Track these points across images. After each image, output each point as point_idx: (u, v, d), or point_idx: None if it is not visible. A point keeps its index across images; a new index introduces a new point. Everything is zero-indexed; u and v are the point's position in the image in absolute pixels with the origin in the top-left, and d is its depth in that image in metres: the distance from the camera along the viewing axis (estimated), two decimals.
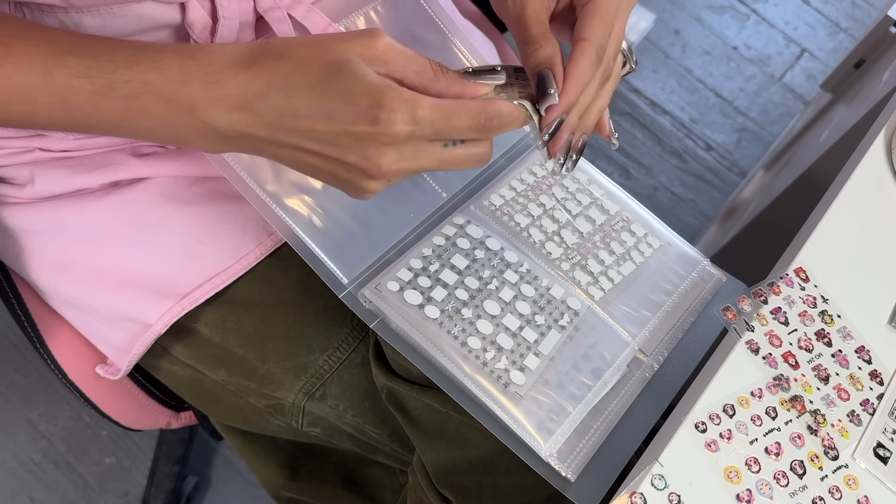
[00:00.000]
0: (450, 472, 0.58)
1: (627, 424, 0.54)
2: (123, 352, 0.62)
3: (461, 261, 0.56)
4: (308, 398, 0.63)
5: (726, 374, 0.51)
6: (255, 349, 0.62)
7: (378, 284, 0.54)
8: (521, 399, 0.51)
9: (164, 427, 0.80)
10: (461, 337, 0.52)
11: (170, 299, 0.59)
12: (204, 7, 0.53)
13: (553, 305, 0.56)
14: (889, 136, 0.64)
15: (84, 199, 0.61)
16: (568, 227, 0.60)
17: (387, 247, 0.57)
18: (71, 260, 0.61)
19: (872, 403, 0.52)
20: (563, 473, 0.51)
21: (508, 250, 0.57)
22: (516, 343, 0.53)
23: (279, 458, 0.81)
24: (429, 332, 0.52)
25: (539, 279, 0.57)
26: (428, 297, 0.53)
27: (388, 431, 0.65)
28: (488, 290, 0.55)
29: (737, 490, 0.47)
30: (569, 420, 0.52)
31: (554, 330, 0.55)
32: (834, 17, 1.87)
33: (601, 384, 0.54)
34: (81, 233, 0.60)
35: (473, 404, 0.52)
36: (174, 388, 0.70)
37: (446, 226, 0.58)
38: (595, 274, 0.59)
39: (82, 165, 0.60)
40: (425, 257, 0.55)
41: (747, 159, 1.65)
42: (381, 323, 0.54)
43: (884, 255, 0.58)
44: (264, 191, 0.54)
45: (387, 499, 0.79)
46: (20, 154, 0.59)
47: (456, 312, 0.53)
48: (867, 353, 0.54)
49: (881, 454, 0.50)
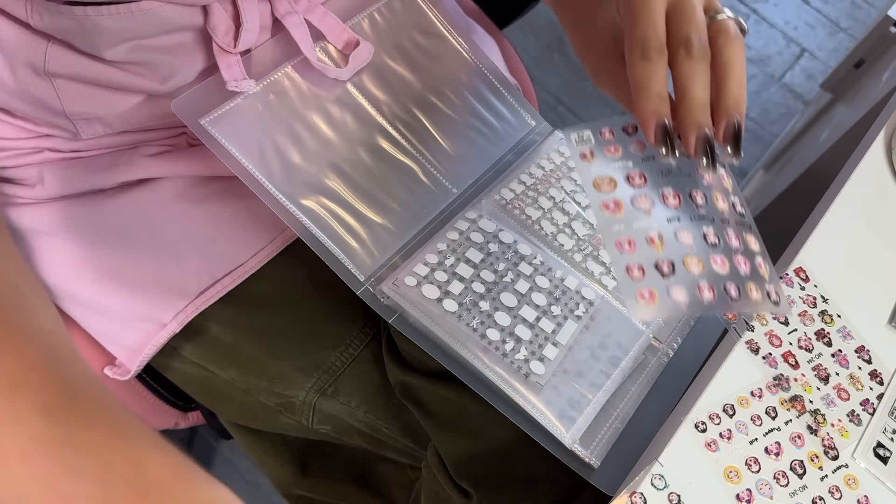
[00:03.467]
0: (468, 463, 0.59)
1: (646, 410, 0.55)
2: (135, 352, 0.61)
3: (476, 254, 0.56)
4: (320, 395, 0.63)
5: (726, 373, 0.51)
6: (267, 347, 0.62)
7: (396, 280, 0.54)
8: (542, 389, 0.52)
9: (171, 428, 0.80)
10: (480, 329, 0.53)
11: (184, 298, 0.59)
12: (227, 11, 0.53)
13: (568, 296, 0.56)
14: (889, 136, 0.64)
15: (95, 198, 0.61)
16: (578, 219, 0.61)
17: (401, 243, 0.58)
18: (82, 260, 0.61)
19: (872, 403, 0.52)
20: (586, 460, 0.52)
21: (521, 243, 0.58)
22: (534, 334, 0.54)
23: (289, 455, 0.81)
24: (448, 326, 0.53)
25: (553, 271, 0.57)
26: (445, 290, 0.54)
27: (399, 426, 0.65)
28: (504, 282, 0.55)
29: (737, 490, 0.47)
30: (590, 408, 0.52)
31: (570, 320, 0.55)
32: (834, 16, 1.87)
33: (619, 372, 0.55)
34: (93, 233, 0.60)
35: (495, 395, 0.53)
36: (184, 387, 0.70)
37: (459, 221, 0.58)
38: (607, 264, 0.59)
39: (93, 165, 0.60)
40: (440, 252, 0.56)
41: (747, 159, 1.65)
42: (400, 318, 0.55)
43: (884, 254, 0.58)
44: (279, 190, 0.55)
45: (397, 495, 0.79)
46: (29, 154, 0.59)
47: (474, 305, 0.54)
48: (867, 352, 0.54)
49: (881, 454, 0.50)
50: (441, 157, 0.62)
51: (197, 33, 0.53)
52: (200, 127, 0.54)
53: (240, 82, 0.55)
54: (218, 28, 0.53)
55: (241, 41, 0.54)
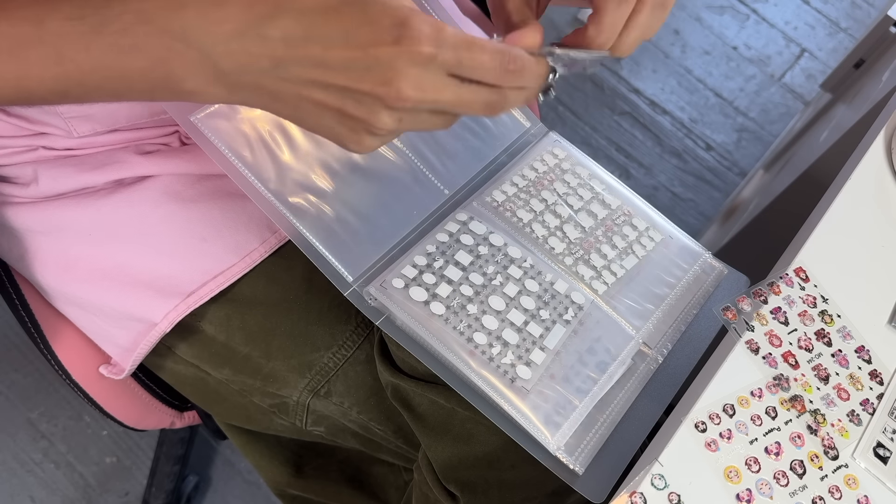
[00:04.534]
0: (455, 467, 0.59)
1: (633, 417, 0.54)
2: (128, 351, 0.62)
3: (465, 257, 0.56)
4: (313, 396, 0.63)
5: (726, 373, 0.51)
6: (260, 347, 0.62)
7: (383, 282, 0.54)
8: (528, 394, 0.51)
9: (167, 427, 0.80)
10: (467, 333, 0.53)
11: (174, 298, 0.59)
12: None
13: (557, 300, 0.56)
14: (889, 136, 0.64)
15: (88, 197, 0.61)
16: (570, 222, 0.61)
17: (391, 244, 0.57)
18: (75, 259, 0.61)
19: (872, 403, 0.52)
20: (570, 466, 0.51)
21: (512, 246, 0.57)
22: (522, 338, 0.53)
23: (283, 455, 0.81)
24: (434, 329, 0.52)
25: (543, 274, 0.57)
26: (433, 293, 0.54)
27: (392, 428, 0.65)
28: (493, 285, 0.55)
29: (737, 490, 0.47)
30: (575, 413, 0.52)
31: (559, 324, 0.55)
32: (834, 16, 1.87)
33: (606, 378, 0.54)
34: (86, 232, 0.60)
35: (480, 400, 0.52)
36: (178, 387, 0.70)
37: (449, 222, 0.58)
38: (598, 268, 0.59)
39: (86, 164, 0.60)
40: (429, 254, 0.56)
41: (747, 159, 1.65)
42: (387, 320, 0.54)
43: (884, 254, 0.58)
44: (268, 189, 0.54)
45: (391, 496, 0.79)
46: (23, 153, 0.59)
47: (461, 308, 0.53)
48: (867, 352, 0.54)
49: (881, 454, 0.50)
50: (433, 158, 0.62)
51: None
52: (191, 124, 0.54)
53: None
54: None
55: None
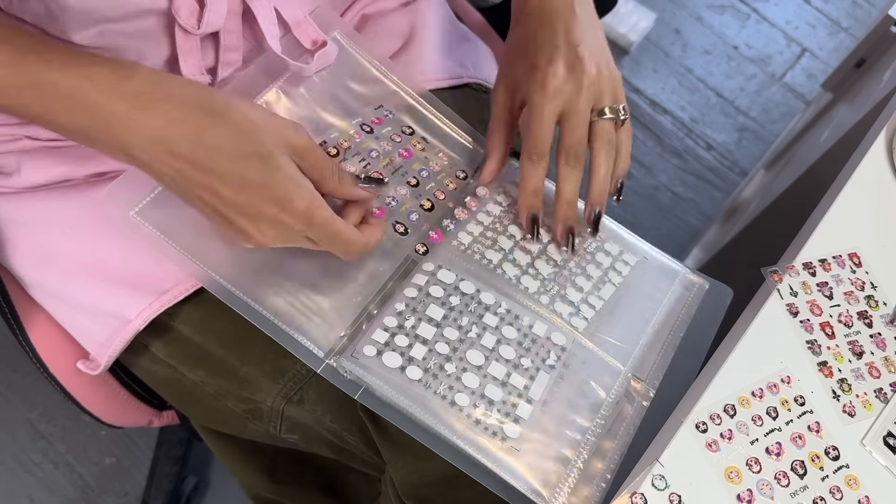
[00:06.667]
0: (415, 483, 0.59)
1: (633, 457, 0.52)
2: (103, 347, 0.61)
3: (437, 311, 0.54)
4: (286, 402, 0.63)
5: (727, 373, 0.51)
6: (235, 351, 0.62)
7: (354, 351, 0.52)
8: (520, 453, 0.49)
9: (145, 425, 0.80)
10: (449, 396, 0.51)
11: (149, 295, 0.59)
12: None
13: (538, 345, 0.54)
14: (890, 135, 0.64)
15: (69, 190, 0.61)
16: (541, 257, 0.59)
17: (360, 308, 0.55)
18: (55, 252, 0.61)
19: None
20: None
21: (484, 291, 0.55)
22: (506, 392, 0.51)
23: (258, 460, 0.81)
24: (414, 395, 0.50)
25: (520, 318, 0.55)
26: (408, 356, 0.52)
27: (364, 440, 0.65)
28: (469, 338, 0.53)
29: (737, 490, 0.47)
30: (573, 469, 0.50)
31: (543, 371, 0.53)
32: (835, 16, 1.87)
33: (600, 422, 0.52)
34: (66, 225, 0.60)
35: (472, 466, 0.50)
36: (155, 387, 0.70)
37: (417, 275, 0.56)
38: (576, 303, 0.57)
39: (68, 155, 0.60)
40: (399, 313, 0.53)
41: (748, 159, 1.65)
42: (366, 392, 0.52)
43: (885, 254, 0.58)
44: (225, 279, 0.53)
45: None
46: (7, 142, 0.59)
47: (440, 369, 0.51)
48: None
49: (891, 443, 0.50)
50: None
51: (161, 17, 0.53)
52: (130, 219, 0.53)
53: (196, 78, 0.55)
54: (181, 9, 0.52)
55: (205, 22, 0.53)
